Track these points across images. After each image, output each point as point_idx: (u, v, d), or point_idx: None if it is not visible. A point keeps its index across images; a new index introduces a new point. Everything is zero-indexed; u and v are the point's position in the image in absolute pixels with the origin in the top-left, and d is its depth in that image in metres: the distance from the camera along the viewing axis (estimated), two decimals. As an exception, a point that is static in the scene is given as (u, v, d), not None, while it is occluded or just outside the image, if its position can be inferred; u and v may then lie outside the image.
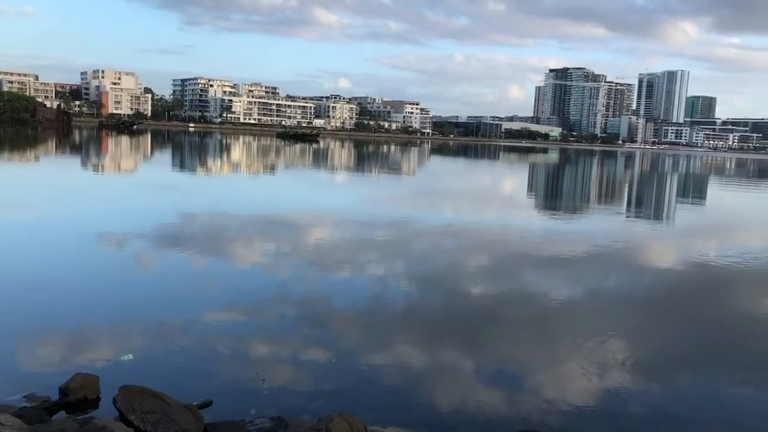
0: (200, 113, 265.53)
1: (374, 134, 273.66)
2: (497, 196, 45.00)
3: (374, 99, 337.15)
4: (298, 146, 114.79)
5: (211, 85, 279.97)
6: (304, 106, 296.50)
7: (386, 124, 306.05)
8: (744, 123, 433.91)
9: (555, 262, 18.87)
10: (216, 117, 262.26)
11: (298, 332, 11.36)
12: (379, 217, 26.41)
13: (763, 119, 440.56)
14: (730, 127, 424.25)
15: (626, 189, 58.31)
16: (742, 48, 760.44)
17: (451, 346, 11.08)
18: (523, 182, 63.31)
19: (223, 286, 14.27)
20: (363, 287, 14.90)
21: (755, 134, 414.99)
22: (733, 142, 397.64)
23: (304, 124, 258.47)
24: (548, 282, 16.31)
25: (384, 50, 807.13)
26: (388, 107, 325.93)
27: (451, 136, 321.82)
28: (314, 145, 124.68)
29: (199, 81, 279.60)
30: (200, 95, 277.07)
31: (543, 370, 10.25)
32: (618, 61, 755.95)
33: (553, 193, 49.40)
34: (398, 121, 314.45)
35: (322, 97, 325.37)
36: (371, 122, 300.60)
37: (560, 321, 12.96)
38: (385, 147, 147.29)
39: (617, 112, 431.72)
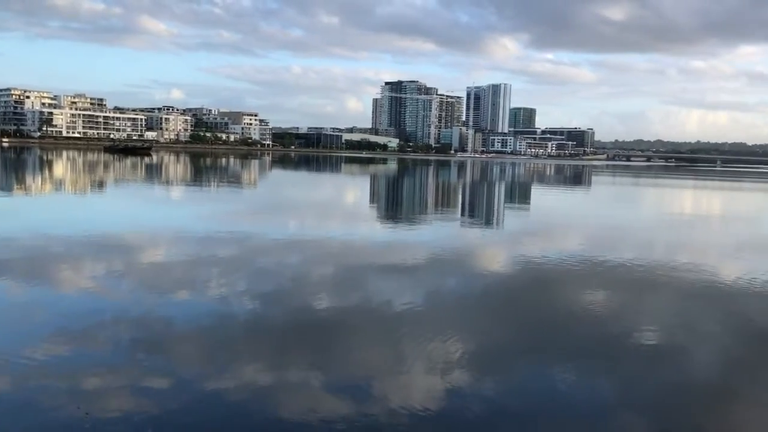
0: (15, 126, 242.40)
1: (212, 146, 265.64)
2: (340, 207, 45.34)
3: (210, 110, 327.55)
4: (128, 161, 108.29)
5: (27, 97, 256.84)
6: (134, 118, 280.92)
7: (224, 136, 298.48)
8: (561, 132, 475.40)
9: (396, 270, 19.25)
10: (34, 131, 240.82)
11: (130, 359, 10.53)
12: (218, 234, 25.48)
13: (576, 128, 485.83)
14: (548, 136, 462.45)
15: (461, 196, 61.38)
16: (555, 63, 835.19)
17: (295, 361, 10.83)
18: (365, 192, 64.48)
19: (44, 315, 12.93)
20: (200, 307, 14.20)
21: (570, 142, 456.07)
22: (552, 150, 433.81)
23: (134, 137, 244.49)
24: (390, 290, 16.56)
25: (218, 60, 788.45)
26: (226, 118, 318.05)
27: (292, 147, 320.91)
28: (146, 159, 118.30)
29: (12, 92, 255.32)
30: (14, 107, 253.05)
31: (387, 376, 10.33)
32: (448, 74, 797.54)
33: (394, 203, 50.77)
34: (237, 133, 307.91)
35: (153, 109, 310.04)
36: (208, 134, 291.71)
37: (402, 327, 13.17)
38: (223, 159, 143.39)
39: (449, 123, 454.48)
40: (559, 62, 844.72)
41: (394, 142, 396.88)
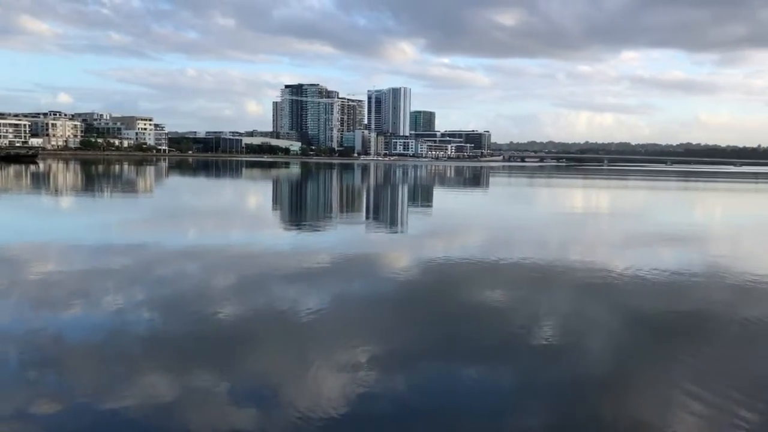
0: None
1: (104, 153, 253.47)
2: (242, 212, 44.42)
3: (101, 115, 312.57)
4: (11, 169, 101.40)
5: None
6: (16, 124, 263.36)
7: (117, 142, 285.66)
8: (459, 134, 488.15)
9: (301, 276, 19.09)
10: None
11: (19, 379, 9.86)
12: (112, 245, 24.36)
13: (474, 131, 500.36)
14: (448, 138, 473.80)
15: (366, 199, 61.72)
16: (452, 68, 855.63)
17: (200, 370, 10.51)
18: (268, 197, 63.58)
19: None
20: (93, 322, 13.51)
21: (469, 144, 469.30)
22: (452, 152, 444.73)
23: (18, 144, 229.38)
24: (294, 296, 16.40)
25: (108, 63, 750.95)
26: (119, 123, 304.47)
27: (190, 152, 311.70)
28: (32, 167, 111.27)
29: None
30: None
31: (296, 382, 10.23)
32: (348, 78, 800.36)
33: (298, 207, 50.35)
34: (131, 138, 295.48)
35: (38, 114, 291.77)
36: (100, 140, 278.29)
37: (308, 332, 13.08)
38: (117, 166, 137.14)
39: (351, 127, 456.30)
40: (455, 67, 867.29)
41: (296, 146, 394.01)
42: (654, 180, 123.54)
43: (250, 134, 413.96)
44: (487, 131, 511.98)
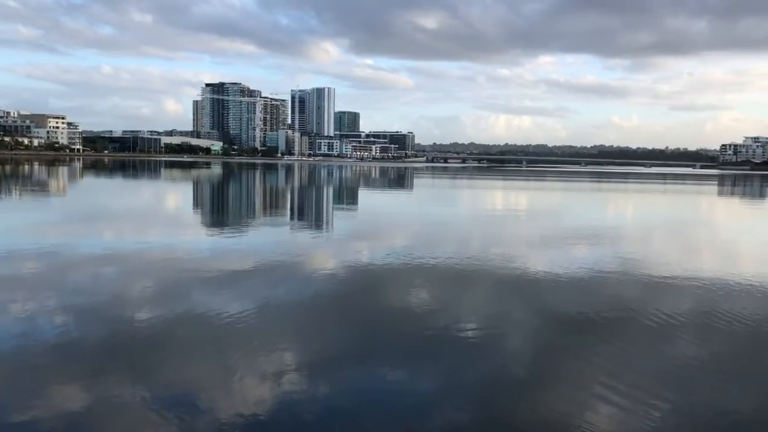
0: None
1: (12, 152, 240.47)
2: (161, 214, 43.03)
3: (9, 112, 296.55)
4: None
5: None
6: None
7: (27, 141, 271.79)
8: (384, 135, 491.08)
9: (222, 280, 18.70)
10: None
11: None
12: (20, 249, 23.12)
13: (398, 132, 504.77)
14: (372, 139, 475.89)
15: (290, 199, 61.12)
16: (375, 69, 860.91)
17: (113, 382, 10.10)
18: (188, 198, 61.96)
19: None
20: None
21: (393, 145, 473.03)
22: (377, 153, 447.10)
23: None
24: (215, 300, 16.04)
25: (16, 58, 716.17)
26: (28, 121, 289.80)
27: (106, 152, 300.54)
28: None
29: None
30: None
31: (217, 390, 10.00)
32: (271, 77, 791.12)
33: (220, 208, 49.31)
34: (41, 137, 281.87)
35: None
36: (7, 138, 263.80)
37: (231, 338, 12.81)
38: (26, 166, 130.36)
39: (275, 127, 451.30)
40: (378, 68, 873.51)
41: (217, 146, 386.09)
42: (570, 181, 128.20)
43: (170, 133, 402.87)
44: (411, 132, 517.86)
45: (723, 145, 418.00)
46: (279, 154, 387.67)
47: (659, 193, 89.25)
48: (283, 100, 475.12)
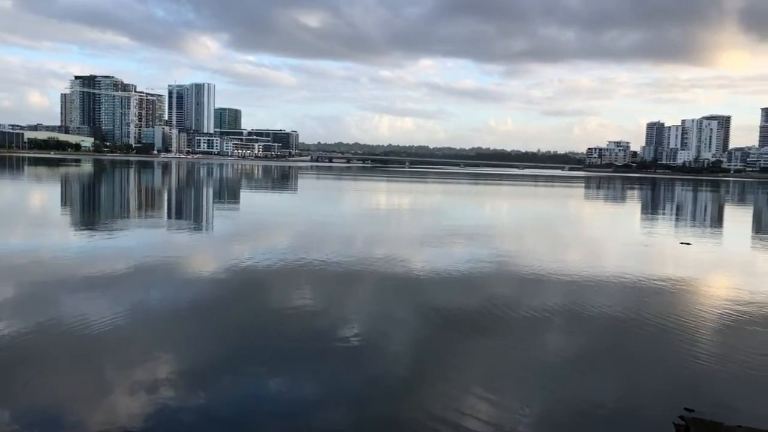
0: None
1: None
2: (23, 215, 39.85)
3: None
4: None
5: None
6: None
7: None
8: (267, 133, 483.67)
9: (93, 284, 17.64)
10: None
11: None
12: None
13: (282, 130, 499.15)
14: (255, 137, 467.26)
15: (167, 199, 58.72)
16: (257, 65, 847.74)
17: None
18: (55, 198, 57.94)
19: None
20: None
21: (276, 143, 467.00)
22: (259, 151, 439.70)
23: None
24: (84, 306, 15.09)
25: None
26: None
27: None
28: None
29: None
30: None
31: (85, 401, 9.42)
32: (146, 71, 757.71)
33: (90, 208, 46.50)
34: None
35: None
36: None
37: (102, 346, 12.11)
38: None
39: (151, 123, 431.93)
40: (261, 65, 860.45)
41: (88, 142, 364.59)
42: (450, 182, 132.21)
43: (34, 128, 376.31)
44: (295, 131, 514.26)
45: (589, 149, 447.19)
46: (155, 152, 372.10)
47: (531, 195, 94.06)
48: (159, 96, 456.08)
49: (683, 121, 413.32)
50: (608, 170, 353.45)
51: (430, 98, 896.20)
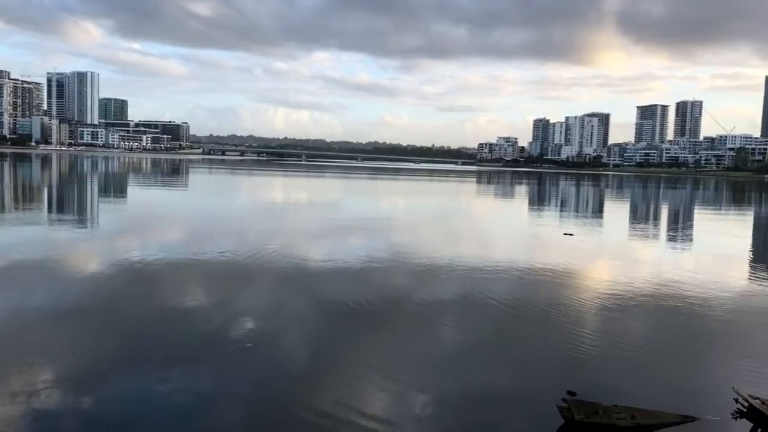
0: None
1: None
2: None
3: None
4: None
5: None
6: None
7: None
8: (155, 125, 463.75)
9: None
10: None
11: None
12: None
13: (171, 122, 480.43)
14: (143, 129, 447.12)
15: (47, 194, 55.19)
16: (144, 54, 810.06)
17: None
18: None
19: None
20: None
21: (166, 135, 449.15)
22: (148, 143, 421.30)
23: None
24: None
25: None
26: None
27: None
28: None
29: None
30: None
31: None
32: (21, 57, 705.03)
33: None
34: None
35: None
36: None
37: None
38: None
39: (27, 112, 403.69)
40: (147, 53, 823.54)
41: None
42: (348, 177, 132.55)
43: None
44: (186, 123, 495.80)
45: (480, 144, 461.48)
46: (33, 143, 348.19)
47: (427, 189, 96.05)
48: (37, 84, 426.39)
49: (567, 118, 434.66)
50: (498, 165, 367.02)
51: (326, 91, 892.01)
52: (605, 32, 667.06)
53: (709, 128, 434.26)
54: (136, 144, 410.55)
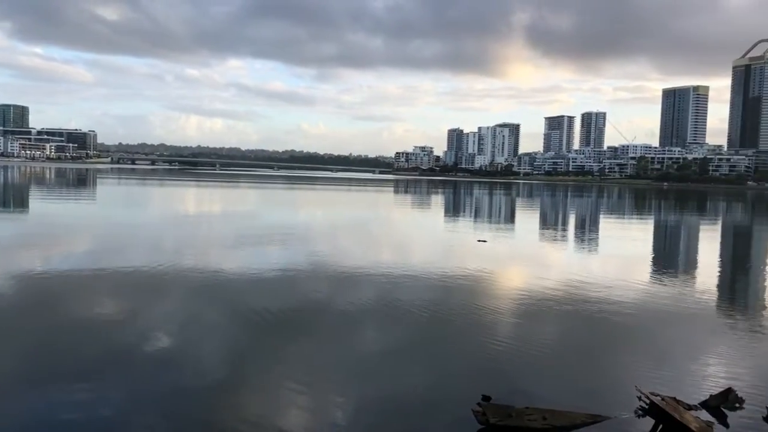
0: None
1: None
2: None
3: None
4: None
5: None
6: None
7: None
8: (60, 133, 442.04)
9: None
10: None
11: None
12: None
13: (77, 130, 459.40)
14: (46, 137, 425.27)
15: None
16: (46, 59, 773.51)
17: None
18: None
19: None
20: None
21: (72, 144, 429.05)
22: (51, 152, 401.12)
23: None
24: None
25: None
26: None
27: None
28: None
29: None
30: None
31: None
32: None
33: None
34: None
35: None
36: None
37: None
38: None
39: None
40: (50, 58, 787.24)
41: None
42: (264, 186, 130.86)
43: None
44: (93, 131, 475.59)
45: (397, 153, 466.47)
46: None
47: (345, 198, 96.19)
48: None
49: (479, 128, 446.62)
50: (415, 173, 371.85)
51: (240, 99, 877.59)
52: (515, 45, 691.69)
53: (612, 138, 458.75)
54: (39, 153, 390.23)
